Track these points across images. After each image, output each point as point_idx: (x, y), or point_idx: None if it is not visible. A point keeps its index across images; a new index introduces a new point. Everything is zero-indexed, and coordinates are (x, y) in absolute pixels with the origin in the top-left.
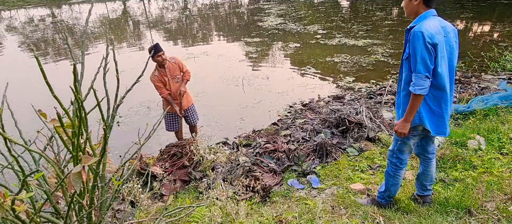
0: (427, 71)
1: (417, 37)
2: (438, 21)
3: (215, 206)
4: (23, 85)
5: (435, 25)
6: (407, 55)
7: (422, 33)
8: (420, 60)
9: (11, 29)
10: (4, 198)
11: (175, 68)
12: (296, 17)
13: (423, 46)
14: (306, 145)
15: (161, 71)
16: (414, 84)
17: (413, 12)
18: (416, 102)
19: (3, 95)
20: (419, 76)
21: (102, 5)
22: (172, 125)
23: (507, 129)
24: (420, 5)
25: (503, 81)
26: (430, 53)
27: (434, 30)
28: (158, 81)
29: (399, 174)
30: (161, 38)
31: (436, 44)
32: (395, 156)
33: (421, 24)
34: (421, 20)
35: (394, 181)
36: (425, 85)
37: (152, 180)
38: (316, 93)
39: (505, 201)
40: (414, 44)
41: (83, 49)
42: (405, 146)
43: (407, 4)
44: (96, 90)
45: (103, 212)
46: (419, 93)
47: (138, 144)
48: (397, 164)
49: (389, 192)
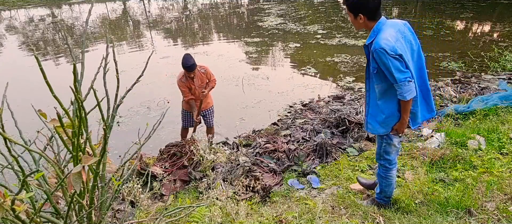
0: (405, 76)
1: (382, 54)
2: (392, 28)
3: (215, 206)
4: (23, 85)
5: (391, 34)
6: (376, 69)
7: (384, 49)
8: (395, 70)
9: (11, 29)
10: (4, 198)
11: (203, 78)
12: (296, 17)
13: (391, 58)
14: (306, 145)
15: (189, 79)
16: (401, 93)
17: (361, 28)
18: (408, 106)
19: (3, 95)
20: (402, 83)
21: (102, 5)
22: (188, 122)
23: (507, 129)
24: (366, 21)
25: (503, 81)
26: (400, 60)
27: (393, 41)
28: (184, 86)
29: (390, 174)
30: (161, 38)
31: (400, 54)
32: (383, 158)
33: (379, 39)
34: (376, 34)
35: (387, 182)
36: (412, 88)
37: (152, 180)
38: (316, 93)
39: (505, 201)
40: (382, 60)
41: (83, 49)
42: (390, 147)
43: (354, 22)
44: (96, 90)
45: (103, 212)
46: (411, 98)
47: (138, 144)
48: (386, 165)
49: (385, 193)
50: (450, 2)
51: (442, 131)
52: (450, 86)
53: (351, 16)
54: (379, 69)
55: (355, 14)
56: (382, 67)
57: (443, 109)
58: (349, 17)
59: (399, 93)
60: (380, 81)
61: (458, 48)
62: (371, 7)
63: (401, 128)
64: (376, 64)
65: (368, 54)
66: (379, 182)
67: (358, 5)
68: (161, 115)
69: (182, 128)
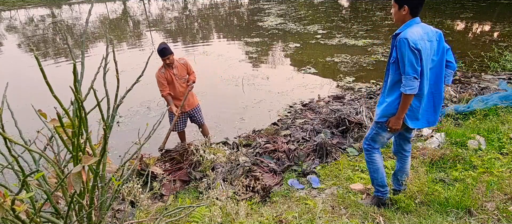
0: (415, 72)
1: (404, 43)
2: (421, 28)
3: (215, 206)
4: (23, 85)
5: (418, 32)
6: (394, 59)
7: (407, 39)
8: (408, 63)
9: (11, 29)
10: (4, 198)
11: (183, 68)
12: (296, 17)
13: (409, 50)
14: (306, 145)
15: (168, 70)
16: (405, 86)
17: (400, 20)
18: (407, 101)
19: (3, 95)
20: (408, 78)
21: (102, 5)
22: (177, 125)
23: (507, 129)
24: (407, 15)
25: (503, 81)
26: (416, 57)
27: (417, 37)
28: (163, 78)
29: (374, 158)
30: (161, 38)
31: (419, 49)
32: (367, 142)
33: (406, 31)
34: (406, 28)
35: (373, 167)
36: (415, 85)
37: (152, 180)
38: (316, 93)
39: (505, 201)
40: (401, 50)
41: (83, 49)
42: (378, 137)
43: (396, 13)
44: (96, 90)
45: (103, 212)
46: (410, 93)
47: (138, 144)
48: (368, 149)
49: (377, 181)
50: (450, 2)
51: (442, 131)
52: (450, 86)
53: (395, 7)
54: (397, 60)
55: (400, 5)
56: (400, 57)
57: (443, 109)
58: (393, 8)
59: (403, 85)
60: (394, 71)
61: (458, 48)
62: (416, 1)
63: (395, 124)
64: (396, 54)
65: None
66: (368, 169)
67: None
68: (161, 115)
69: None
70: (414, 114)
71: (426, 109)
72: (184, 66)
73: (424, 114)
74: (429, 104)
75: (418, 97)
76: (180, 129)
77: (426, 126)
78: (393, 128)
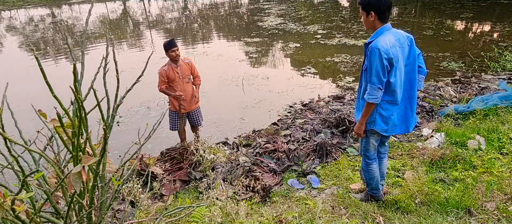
0: (380, 83)
1: (374, 53)
2: (393, 35)
3: (215, 206)
4: (23, 85)
5: (390, 39)
6: (366, 67)
7: (379, 49)
8: (375, 73)
9: (11, 29)
10: (4, 198)
11: (186, 68)
12: (296, 17)
13: (379, 61)
14: (306, 145)
15: (173, 66)
16: (369, 94)
17: (371, 27)
18: (369, 109)
19: (3, 95)
20: (373, 87)
21: (102, 5)
22: (174, 124)
23: (507, 129)
24: (376, 21)
25: (503, 81)
26: (384, 69)
27: (389, 45)
28: (165, 75)
29: (371, 168)
30: (161, 38)
31: (391, 58)
32: (363, 153)
33: (378, 40)
34: (377, 36)
35: (369, 175)
36: (378, 95)
37: (152, 180)
38: (316, 93)
39: (505, 201)
40: (370, 59)
41: (83, 49)
42: (369, 144)
43: (365, 20)
44: (96, 90)
45: (103, 212)
46: (372, 102)
47: (138, 144)
48: (366, 160)
49: (371, 185)
50: (450, 2)
51: (442, 131)
52: (450, 86)
53: (363, 15)
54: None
55: (367, 12)
56: (369, 65)
57: (443, 109)
58: (362, 16)
59: (367, 92)
60: (366, 79)
61: (458, 48)
62: (382, 7)
63: (358, 129)
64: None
65: (365, 52)
66: (364, 175)
67: (371, 3)
68: (161, 115)
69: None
70: (387, 121)
71: (402, 116)
72: (189, 65)
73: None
74: (405, 111)
75: (393, 105)
76: (177, 127)
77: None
78: (356, 133)
